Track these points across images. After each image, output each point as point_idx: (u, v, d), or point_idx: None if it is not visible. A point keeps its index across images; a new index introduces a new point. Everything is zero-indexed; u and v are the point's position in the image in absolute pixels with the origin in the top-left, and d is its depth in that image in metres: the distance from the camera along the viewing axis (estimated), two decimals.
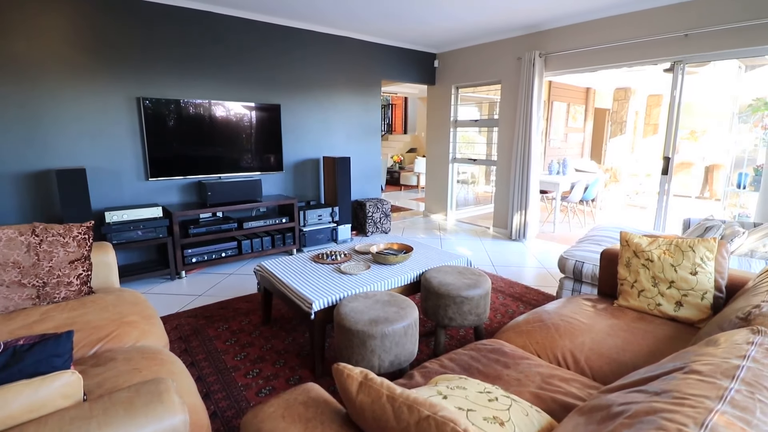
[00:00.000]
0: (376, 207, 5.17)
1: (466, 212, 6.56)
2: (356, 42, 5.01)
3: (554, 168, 6.17)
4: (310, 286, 2.26)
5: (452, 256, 2.85)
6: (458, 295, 2.23)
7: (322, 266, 2.61)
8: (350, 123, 5.17)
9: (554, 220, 5.66)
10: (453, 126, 5.87)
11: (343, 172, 4.66)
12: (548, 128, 7.63)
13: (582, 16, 4.11)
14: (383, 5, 3.82)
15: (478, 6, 3.82)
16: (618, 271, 2.09)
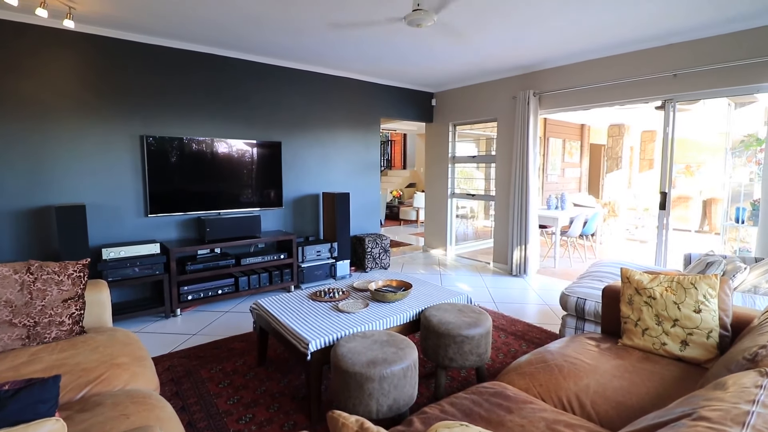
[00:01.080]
0: (375, 242, 5.15)
1: (465, 247, 6.54)
2: (356, 82, 5.18)
3: (553, 203, 6.20)
4: (307, 325, 2.21)
5: (452, 293, 2.81)
6: (458, 334, 2.18)
7: (319, 304, 2.57)
8: (350, 159, 5.25)
9: (555, 255, 5.62)
10: (451, 162, 5.95)
11: (343, 208, 4.69)
12: (545, 163, 7.74)
13: (573, 58, 4.26)
14: (382, 50, 3.98)
15: (472, 49, 3.98)
16: (620, 308, 2.06)
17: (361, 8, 2.96)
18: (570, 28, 3.38)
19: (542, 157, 7.66)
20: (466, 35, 3.56)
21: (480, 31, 3.46)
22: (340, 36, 3.61)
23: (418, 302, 2.60)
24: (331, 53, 4.14)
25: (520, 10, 2.98)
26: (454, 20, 3.17)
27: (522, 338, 3.10)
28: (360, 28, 3.41)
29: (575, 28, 3.38)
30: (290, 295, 2.74)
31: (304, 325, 2.21)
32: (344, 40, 3.71)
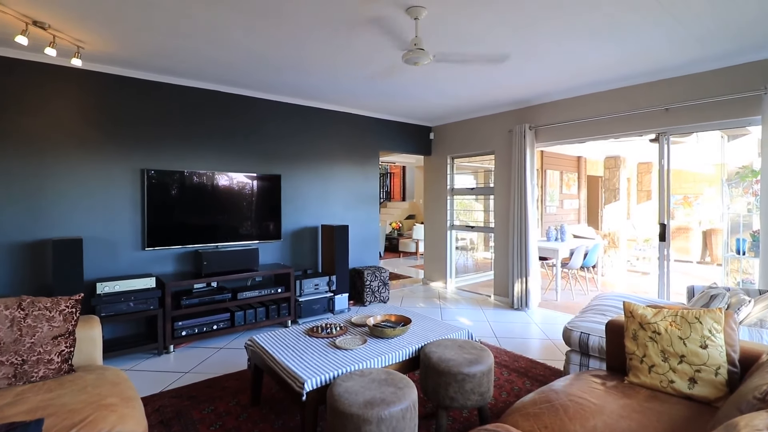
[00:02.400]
0: (374, 275, 5.10)
1: (466, 280, 6.46)
2: (355, 116, 5.29)
3: (552, 234, 6.19)
4: (303, 363, 2.14)
5: (452, 327, 2.75)
6: (459, 371, 2.11)
7: (316, 340, 2.50)
8: (349, 192, 5.28)
9: (557, 287, 5.55)
10: (450, 194, 5.99)
11: (341, 240, 4.67)
12: (543, 195, 7.78)
13: (568, 93, 4.37)
14: (380, 87, 4.09)
15: (468, 85, 4.09)
16: (625, 344, 2.00)
17: (364, 48, 3.07)
18: (565, 66, 3.49)
19: (540, 189, 7.70)
20: (463, 73, 3.67)
21: (475, 70, 3.57)
22: (343, 74, 3.72)
23: (418, 338, 2.53)
24: (331, 89, 4.25)
25: (518, 49, 3.08)
26: (449, 57, 3.28)
27: (525, 375, 3.01)
28: (361, 68, 3.52)
29: (570, 66, 3.49)
30: (286, 331, 2.67)
31: (299, 363, 2.14)
32: (346, 77, 3.82)
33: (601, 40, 2.93)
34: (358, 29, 2.73)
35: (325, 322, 2.79)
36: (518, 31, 2.77)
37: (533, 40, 2.92)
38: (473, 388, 2.12)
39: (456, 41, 2.94)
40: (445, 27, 2.70)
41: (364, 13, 2.51)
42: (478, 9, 2.44)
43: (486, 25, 2.67)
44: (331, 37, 2.87)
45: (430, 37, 2.85)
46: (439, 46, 3.02)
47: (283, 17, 2.56)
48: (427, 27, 2.68)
